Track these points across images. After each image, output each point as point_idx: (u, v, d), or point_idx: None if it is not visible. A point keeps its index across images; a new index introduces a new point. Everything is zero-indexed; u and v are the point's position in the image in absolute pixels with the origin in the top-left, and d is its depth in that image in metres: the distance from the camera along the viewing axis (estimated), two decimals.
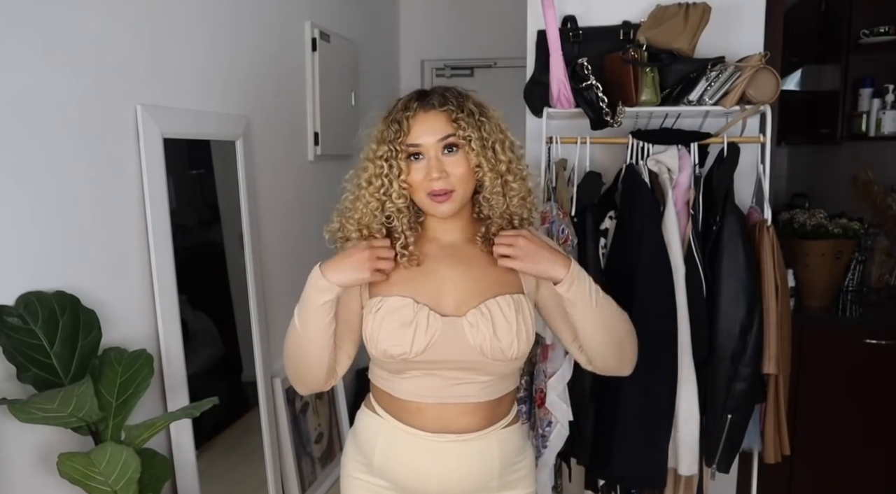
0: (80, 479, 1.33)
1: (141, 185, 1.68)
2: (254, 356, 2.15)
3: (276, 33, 2.34)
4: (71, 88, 1.49)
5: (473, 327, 1.17)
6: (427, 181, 1.16)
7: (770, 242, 1.81)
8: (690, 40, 1.86)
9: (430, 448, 1.22)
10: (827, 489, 2.46)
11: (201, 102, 1.93)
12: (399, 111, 1.17)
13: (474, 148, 1.15)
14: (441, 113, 1.16)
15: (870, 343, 2.38)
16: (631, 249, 1.78)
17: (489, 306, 1.19)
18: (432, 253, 1.24)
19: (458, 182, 1.17)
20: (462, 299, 1.20)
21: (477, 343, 1.17)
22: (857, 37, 2.78)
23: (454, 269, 1.22)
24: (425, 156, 1.17)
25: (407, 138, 1.16)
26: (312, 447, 2.50)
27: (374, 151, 1.19)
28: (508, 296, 1.20)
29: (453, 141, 1.16)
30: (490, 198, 1.19)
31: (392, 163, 1.17)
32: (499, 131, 1.20)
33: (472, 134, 1.15)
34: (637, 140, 1.90)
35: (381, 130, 1.18)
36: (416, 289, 1.20)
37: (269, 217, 2.31)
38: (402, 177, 1.17)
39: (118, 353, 1.51)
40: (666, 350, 1.76)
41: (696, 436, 1.82)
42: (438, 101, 1.17)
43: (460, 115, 1.15)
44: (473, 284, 1.21)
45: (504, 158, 1.18)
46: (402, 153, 1.16)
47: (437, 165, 1.15)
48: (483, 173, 1.17)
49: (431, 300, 1.19)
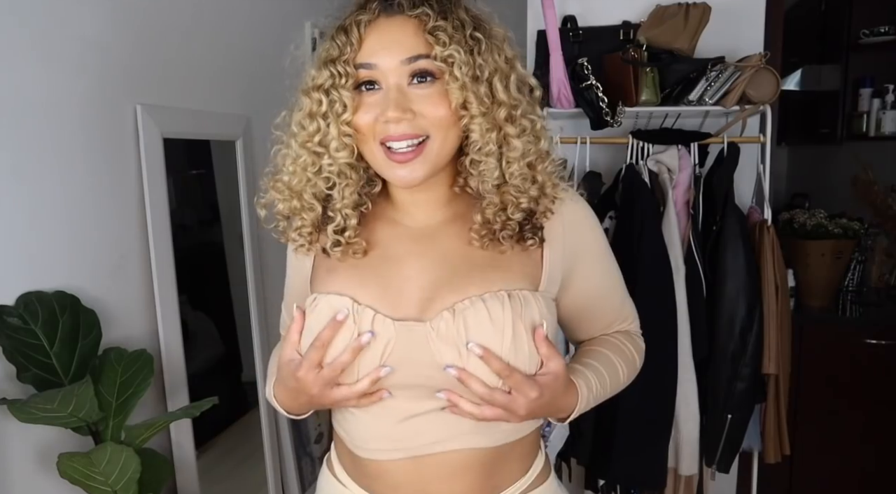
0: (80, 479, 1.33)
1: (141, 185, 1.68)
2: (254, 356, 2.14)
3: (276, 33, 2.34)
4: (71, 88, 1.49)
5: (441, 338, 0.78)
6: (382, 123, 0.77)
7: (770, 242, 1.81)
8: (690, 40, 1.86)
9: None
10: (827, 489, 2.46)
11: (201, 102, 1.93)
12: (351, 13, 0.79)
13: (458, 78, 0.75)
14: (411, 19, 0.76)
15: (870, 343, 2.38)
16: (631, 249, 1.78)
17: (467, 306, 0.78)
18: (389, 240, 0.87)
19: (433, 126, 0.77)
20: (429, 297, 0.81)
21: (445, 361, 0.77)
22: (857, 37, 2.78)
23: (421, 260, 0.84)
24: (382, 85, 0.77)
25: (356, 56, 0.77)
26: (312, 447, 2.50)
27: (312, 79, 0.81)
28: (503, 293, 0.79)
29: (425, 66, 0.76)
30: (479, 159, 0.79)
31: (333, 94, 0.78)
32: (502, 59, 0.79)
33: (455, 54, 0.74)
34: (637, 140, 1.90)
35: (326, 48, 0.80)
36: (362, 285, 0.83)
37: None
38: (344, 117, 0.78)
39: (118, 353, 1.51)
40: (666, 350, 1.76)
41: (696, 436, 1.82)
42: (408, 2, 0.77)
43: (441, 24, 0.75)
44: (449, 275, 0.82)
45: (506, 100, 0.78)
46: (349, 78, 0.77)
47: (397, 99, 0.75)
48: (470, 118, 0.77)
49: (383, 298, 0.81)
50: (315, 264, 0.90)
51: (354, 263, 0.85)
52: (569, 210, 0.88)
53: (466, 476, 0.82)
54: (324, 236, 0.86)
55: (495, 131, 0.78)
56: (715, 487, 2.08)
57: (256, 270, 2.16)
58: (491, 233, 0.81)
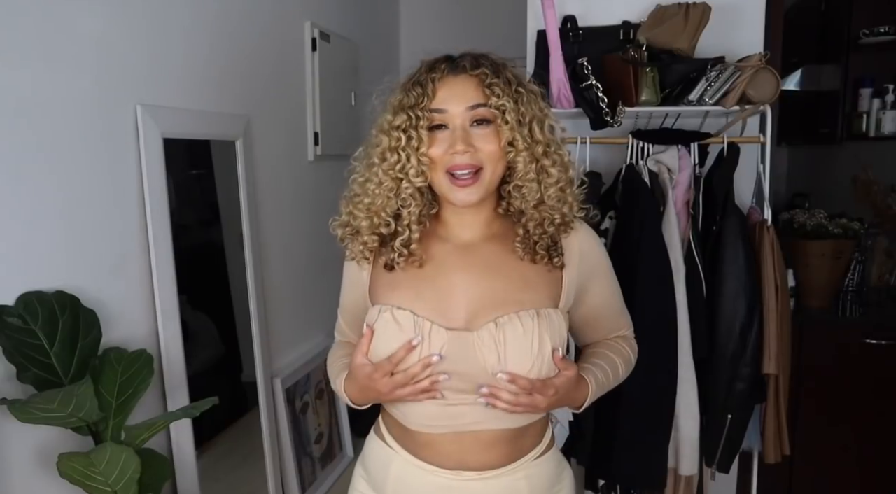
0: (80, 479, 1.33)
1: (141, 185, 1.68)
2: (254, 356, 2.15)
3: (276, 33, 2.34)
4: (71, 88, 1.49)
5: (485, 345, 1.01)
6: (450, 155, 1.00)
7: (770, 242, 1.81)
8: (690, 40, 1.86)
9: (447, 486, 1.07)
10: (827, 489, 2.46)
11: (201, 102, 1.93)
12: (423, 73, 1.02)
13: (508, 121, 0.99)
14: (472, 77, 1.00)
15: (870, 343, 2.38)
16: (631, 249, 1.78)
17: (507, 321, 1.02)
18: (442, 255, 1.08)
19: (487, 159, 1.00)
20: (475, 310, 1.04)
21: (489, 364, 1.01)
22: (857, 37, 2.78)
23: (468, 274, 1.06)
24: (450, 126, 1.01)
25: (431, 103, 1.00)
26: (312, 447, 2.50)
27: (389, 121, 1.03)
28: (533, 311, 1.03)
29: (484, 113, 1.00)
30: (523, 185, 1.02)
31: (411, 133, 1.00)
32: (538, 108, 1.03)
33: (506, 104, 0.99)
34: (637, 140, 1.90)
35: (400, 98, 1.02)
36: (419, 298, 1.05)
37: (269, 217, 2.31)
38: (421, 150, 1.00)
39: (118, 353, 1.51)
40: (666, 350, 1.76)
41: (696, 436, 1.82)
42: (470, 64, 1.01)
43: (495, 81, 0.99)
44: (490, 293, 1.05)
45: (542, 139, 1.02)
46: (424, 120, 1.00)
47: (462, 137, 0.99)
48: (516, 152, 1.01)
49: (437, 311, 1.04)
50: (373, 279, 1.11)
51: (413, 278, 1.06)
52: (582, 239, 1.11)
53: (495, 447, 1.07)
54: (387, 252, 1.07)
55: (534, 162, 1.02)
56: (715, 487, 2.08)
57: (256, 270, 2.16)
58: (531, 245, 1.05)
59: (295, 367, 2.41)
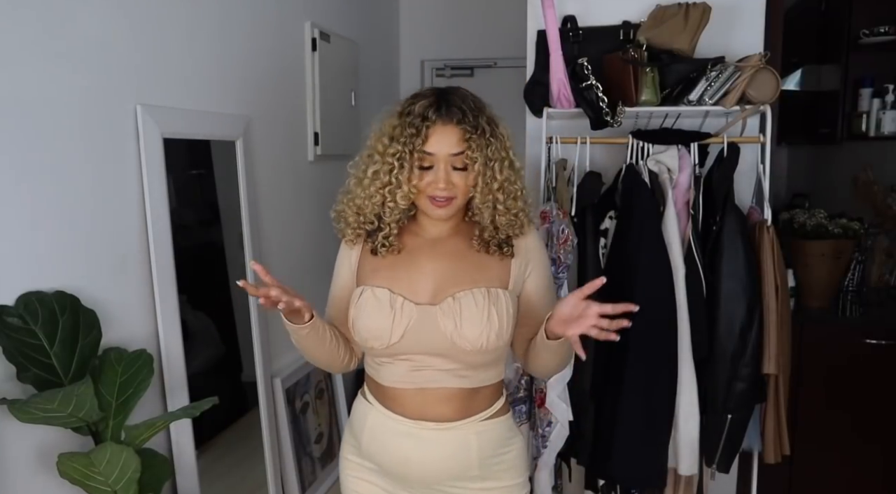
0: (80, 479, 1.33)
1: (141, 185, 1.68)
2: (254, 356, 2.15)
3: (276, 33, 2.34)
4: (71, 88, 1.49)
5: (445, 316, 1.23)
6: (433, 187, 1.23)
7: (770, 242, 1.82)
8: (690, 40, 1.86)
9: (410, 433, 1.29)
10: (827, 489, 2.46)
11: (201, 102, 1.93)
12: (417, 117, 1.21)
13: (476, 169, 1.22)
14: (458, 129, 1.21)
15: (870, 343, 2.38)
16: (631, 249, 1.79)
17: (462, 296, 1.24)
18: (415, 245, 1.31)
19: (459, 192, 1.25)
20: (439, 288, 1.26)
21: (448, 331, 1.22)
22: (857, 37, 2.78)
23: (435, 260, 1.29)
24: (435, 166, 1.23)
25: (424, 146, 1.21)
26: (312, 447, 2.50)
27: (384, 146, 1.23)
28: (484, 288, 1.25)
29: (462, 159, 1.22)
30: (480, 208, 1.27)
31: (404, 164, 1.22)
32: (503, 149, 1.25)
33: (477, 156, 1.21)
34: (637, 140, 1.90)
35: (395, 127, 1.23)
36: (394, 278, 1.28)
37: (269, 217, 2.31)
38: (413, 182, 1.23)
39: (118, 353, 1.51)
40: (666, 350, 1.76)
41: (696, 436, 1.82)
42: (457, 118, 1.21)
43: (473, 136, 1.21)
44: (452, 275, 1.28)
45: (500, 178, 1.24)
46: (416, 160, 1.22)
47: (445, 177, 1.22)
48: (477, 191, 1.24)
49: (408, 289, 1.27)
50: (360, 263, 1.34)
51: (391, 263, 1.30)
52: (530, 240, 1.34)
53: (451, 402, 1.28)
54: (372, 240, 1.31)
55: (490, 195, 1.25)
56: (715, 487, 2.08)
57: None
58: (486, 243, 1.30)
59: (295, 367, 2.40)
